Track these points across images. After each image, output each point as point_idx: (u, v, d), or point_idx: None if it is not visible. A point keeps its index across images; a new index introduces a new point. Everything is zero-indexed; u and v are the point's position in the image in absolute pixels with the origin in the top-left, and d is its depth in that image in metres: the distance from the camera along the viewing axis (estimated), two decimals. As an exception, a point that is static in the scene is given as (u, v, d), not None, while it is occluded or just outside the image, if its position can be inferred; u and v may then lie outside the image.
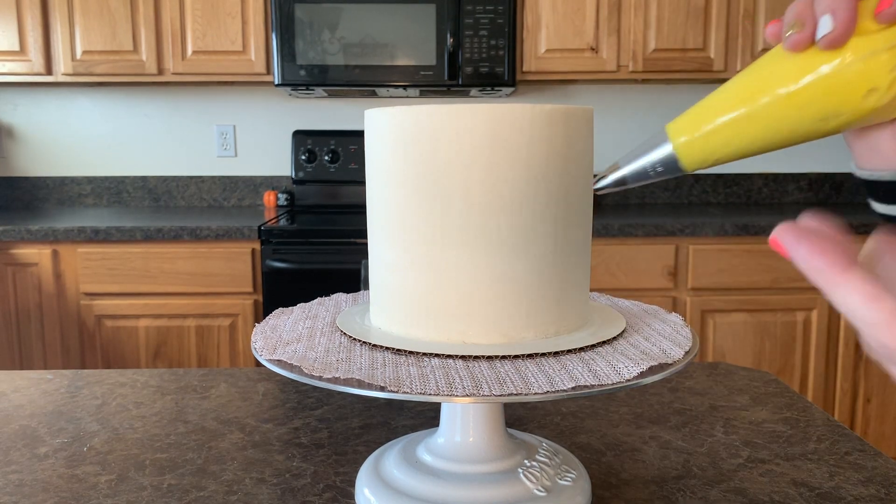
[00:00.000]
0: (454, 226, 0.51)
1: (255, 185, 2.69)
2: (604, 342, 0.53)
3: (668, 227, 2.10)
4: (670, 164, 0.39)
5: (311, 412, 0.79)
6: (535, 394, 0.44)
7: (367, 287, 1.37)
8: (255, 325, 0.60)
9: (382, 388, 0.45)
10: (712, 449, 0.69)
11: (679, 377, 0.89)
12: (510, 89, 2.34)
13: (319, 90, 2.41)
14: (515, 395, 0.44)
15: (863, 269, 0.27)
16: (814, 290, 2.08)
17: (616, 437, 0.72)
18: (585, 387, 0.45)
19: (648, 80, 2.41)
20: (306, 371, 0.48)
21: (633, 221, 2.11)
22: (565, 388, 0.44)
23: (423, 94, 2.51)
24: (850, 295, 0.27)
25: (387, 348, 0.53)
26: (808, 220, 0.29)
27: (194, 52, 2.31)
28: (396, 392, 0.45)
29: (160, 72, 2.32)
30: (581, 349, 0.52)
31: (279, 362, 0.51)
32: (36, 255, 2.11)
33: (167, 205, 2.69)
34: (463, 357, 0.50)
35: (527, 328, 0.53)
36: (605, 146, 2.65)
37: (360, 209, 2.31)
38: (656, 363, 0.49)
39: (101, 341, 2.14)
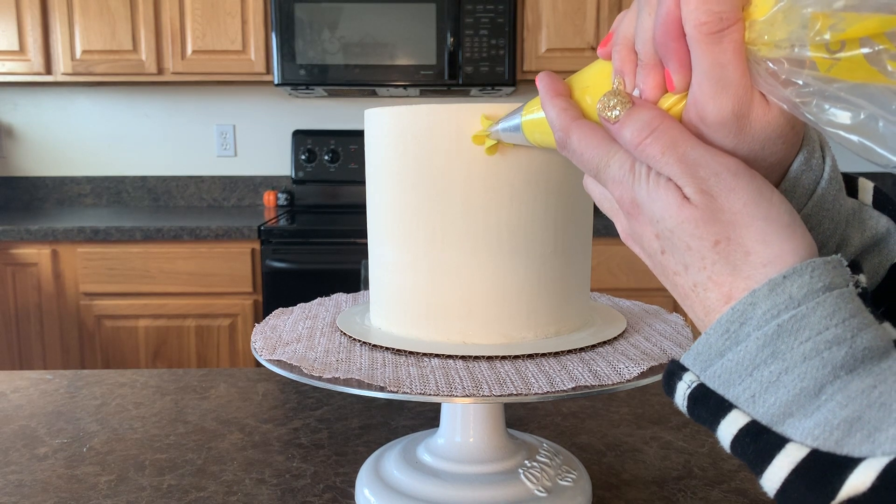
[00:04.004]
0: (454, 226, 0.51)
1: (255, 184, 2.69)
2: (604, 342, 0.53)
3: (669, 226, 2.09)
4: (519, 135, 0.44)
5: (311, 412, 0.79)
6: (536, 394, 0.44)
7: (367, 287, 1.37)
8: (254, 325, 0.60)
9: (382, 389, 0.45)
10: (713, 449, 0.69)
11: (679, 377, 0.88)
12: (511, 89, 2.34)
13: (319, 90, 2.41)
14: (515, 395, 0.44)
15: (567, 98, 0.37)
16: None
17: (617, 437, 0.72)
18: (586, 387, 0.45)
19: (648, 79, 2.41)
20: (306, 371, 0.48)
21: (633, 221, 2.11)
22: (566, 388, 0.44)
23: (423, 94, 2.51)
24: (547, 109, 0.37)
25: (387, 348, 0.52)
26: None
27: (194, 52, 2.30)
28: (396, 392, 0.44)
29: (160, 71, 2.32)
30: (581, 349, 0.52)
31: (279, 362, 0.51)
32: (35, 255, 2.11)
33: (167, 205, 2.68)
34: (463, 357, 0.50)
35: (527, 328, 0.53)
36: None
37: (360, 209, 2.31)
38: (657, 363, 0.49)
39: (101, 341, 2.14)
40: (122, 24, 2.28)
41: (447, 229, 0.51)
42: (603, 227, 2.08)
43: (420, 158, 0.51)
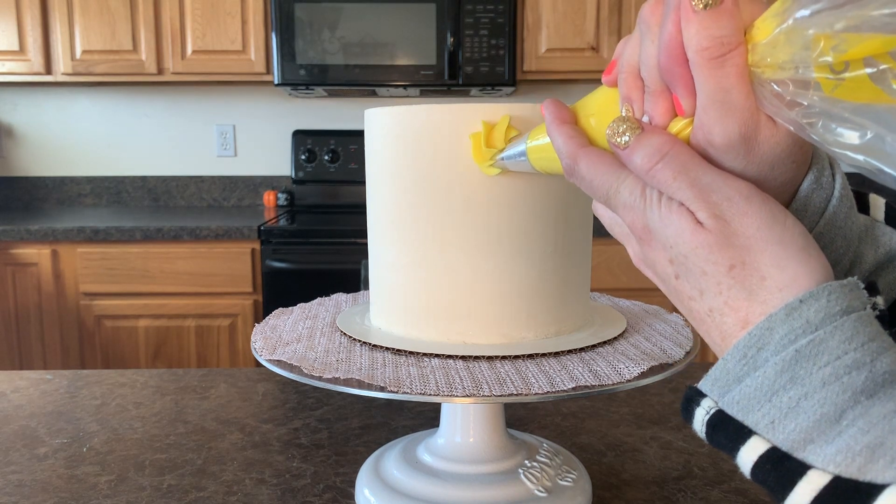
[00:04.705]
0: (454, 226, 0.51)
1: (255, 184, 2.69)
2: (604, 342, 0.53)
3: (669, 226, 2.09)
4: (524, 162, 0.44)
5: (311, 412, 0.79)
6: (536, 394, 0.44)
7: (367, 287, 1.36)
8: (254, 325, 0.60)
9: (382, 389, 0.45)
10: (713, 449, 0.69)
11: (680, 377, 0.88)
12: (511, 89, 2.34)
13: (319, 90, 2.41)
14: (515, 395, 0.44)
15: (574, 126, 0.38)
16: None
17: (617, 437, 0.72)
18: (586, 387, 0.45)
19: (648, 79, 2.40)
20: (306, 371, 0.48)
21: (633, 221, 2.11)
22: (566, 388, 0.44)
23: (423, 94, 2.51)
24: (554, 136, 0.37)
25: (387, 348, 0.52)
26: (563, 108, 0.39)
27: (194, 52, 2.30)
28: (396, 392, 0.44)
29: (160, 71, 2.32)
30: (582, 349, 0.52)
31: (279, 362, 0.51)
32: (35, 255, 2.11)
33: (167, 205, 2.68)
34: (463, 357, 0.50)
35: (527, 328, 0.53)
36: (605, 146, 2.64)
37: (360, 209, 2.31)
38: (657, 363, 0.49)
39: (101, 341, 2.14)
40: (122, 24, 2.28)
41: (447, 229, 0.51)
42: (603, 227, 2.08)
43: (420, 158, 0.51)
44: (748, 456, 0.29)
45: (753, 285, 0.30)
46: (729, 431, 0.30)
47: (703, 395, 0.32)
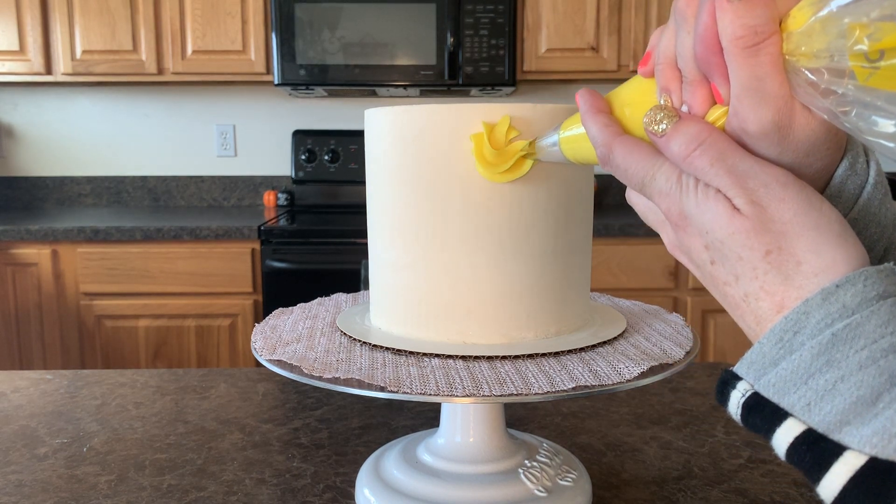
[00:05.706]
0: (454, 226, 0.51)
1: (255, 184, 2.69)
2: (604, 342, 0.53)
3: (669, 226, 2.09)
4: (557, 152, 0.44)
5: (311, 412, 0.79)
6: (536, 394, 0.44)
7: (367, 287, 1.36)
8: (255, 325, 0.60)
9: (382, 389, 0.45)
10: (713, 449, 0.69)
11: (680, 377, 0.88)
12: (510, 89, 2.34)
13: (319, 90, 2.41)
14: (516, 395, 0.44)
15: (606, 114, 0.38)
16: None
17: (617, 437, 0.72)
18: (586, 387, 0.45)
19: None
20: (306, 371, 0.48)
21: (634, 221, 2.11)
22: (566, 388, 0.44)
23: (423, 94, 2.51)
24: (589, 126, 0.38)
25: (387, 348, 0.52)
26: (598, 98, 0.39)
27: (194, 52, 2.30)
28: (396, 392, 0.44)
29: (160, 71, 2.32)
30: (582, 349, 0.52)
31: (279, 362, 0.51)
32: (35, 255, 2.11)
33: (167, 205, 2.68)
34: (463, 357, 0.50)
35: (527, 328, 0.53)
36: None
37: (360, 209, 2.31)
38: (657, 363, 0.49)
39: (101, 341, 2.14)
40: (122, 24, 2.28)
41: (447, 229, 0.51)
42: (603, 227, 2.08)
43: (420, 158, 0.51)
44: (784, 438, 0.29)
45: (789, 270, 0.30)
46: (765, 414, 0.30)
47: (738, 378, 0.32)
